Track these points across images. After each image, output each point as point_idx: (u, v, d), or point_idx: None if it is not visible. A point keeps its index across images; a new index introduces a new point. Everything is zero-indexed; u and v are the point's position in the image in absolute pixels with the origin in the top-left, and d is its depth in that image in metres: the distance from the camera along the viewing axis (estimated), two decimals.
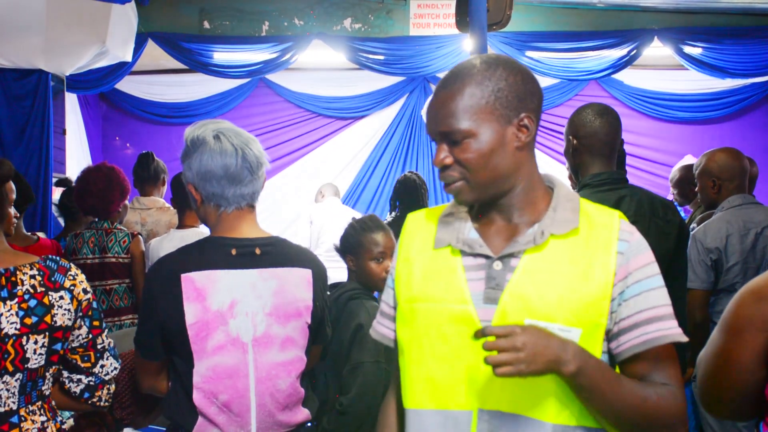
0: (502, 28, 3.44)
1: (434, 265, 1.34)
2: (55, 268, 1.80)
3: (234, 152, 1.76)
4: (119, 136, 7.40)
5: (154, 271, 1.82)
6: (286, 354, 1.77)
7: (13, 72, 4.32)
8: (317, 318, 1.83)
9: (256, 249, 1.78)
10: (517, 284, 1.26)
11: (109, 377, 1.89)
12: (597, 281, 1.25)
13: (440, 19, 6.03)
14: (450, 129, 1.26)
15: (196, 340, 1.72)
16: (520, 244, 1.28)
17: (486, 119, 1.26)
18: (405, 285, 1.37)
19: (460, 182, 1.29)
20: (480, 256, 1.30)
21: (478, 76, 1.26)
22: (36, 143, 4.37)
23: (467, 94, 1.26)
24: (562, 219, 1.29)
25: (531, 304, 1.24)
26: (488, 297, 1.27)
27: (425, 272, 1.34)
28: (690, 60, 6.09)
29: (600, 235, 1.29)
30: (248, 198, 1.81)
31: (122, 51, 4.78)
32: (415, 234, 1.41)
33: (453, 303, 1.29)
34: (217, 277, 1.74)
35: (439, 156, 1.29)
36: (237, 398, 1.73)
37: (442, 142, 1.29)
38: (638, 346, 1.27)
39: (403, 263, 1.39)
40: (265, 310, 1.75)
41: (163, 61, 6.51)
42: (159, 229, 3.85)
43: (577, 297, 1.24)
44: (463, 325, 1.28)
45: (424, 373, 1.32)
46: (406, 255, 1.40)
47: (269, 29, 5.98)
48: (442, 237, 1.35)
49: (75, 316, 1.80)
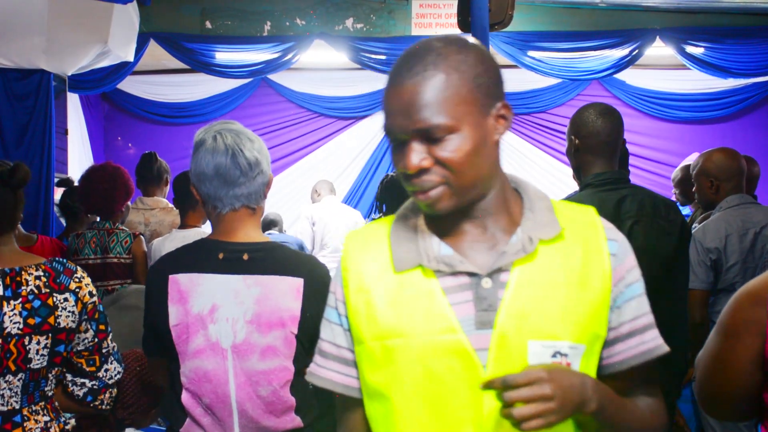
0: (504, 28, 3.44)
1: (403, 291, 1.12)
2: (61, 270, 1.80)
3: (225, 152, 1.73)
4: (121, 137, 7.40)
5: (151, 270, 1.84)
6: (267, 363, 1.71)
7: (14, 72, 4.32)
8: (308, 328, 1.73)
9: (244, 254, 1.74)
10: (513, 301, 1.08)
11: (113, 381, 1.90)
12: (595, 288, 1.11)
13: (442, 18, 6.02)
14: (428, 125, 1.04)
15: (179, 341, 1.71)
16: (509, 255, 1.10)
17: (468, 111, 1.05)
18: (367, 320, 1.13)
19: (441, 187, 1.07)
20: (462, 274, 1.10)
21: (452, 60, 1.06)
22: (38, 143, 4.37)
23: (445, 82, 1.04)
24: (543, 221, 1.13)
25: (532, 323, 1.08)
26: (481, 321, 1.08)
27: (393, 302, 1.12)
28: (692, 60, 6.08)
29: (586, 236, 1.15)
30: (243, 199, 1.76)
31: (124, 51, 4.78)
32: (363, 257, 1.18)
33: (439, 333, 1.08)
34: (201, 281, 1.72)
35: (411, 158, 1.06)
36: (218, 402, 1.71)
37: (412, 141, 1.06)
38: (635, 357, 1.15)
39: (357, 294, 1.15)
40: (245, 317, 1.70)
41: (165, 61, 6.51)
42: (162, 230, 3.85)
43: (579, 308, 1.10)
44: (455, 358, 1.08)
45: (413, 421, 1.11)
46: (359, 284, 1.16)
47: (271, 29, 5.98)
48: (403, 257, 1.13)
49: (80, 319, 1.80)
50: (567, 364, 1.07)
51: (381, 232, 1.20)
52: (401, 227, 1.18)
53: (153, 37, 5.72)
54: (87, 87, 5.85)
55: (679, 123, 7.24)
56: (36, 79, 4.38)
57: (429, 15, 6.04)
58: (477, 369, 1.08)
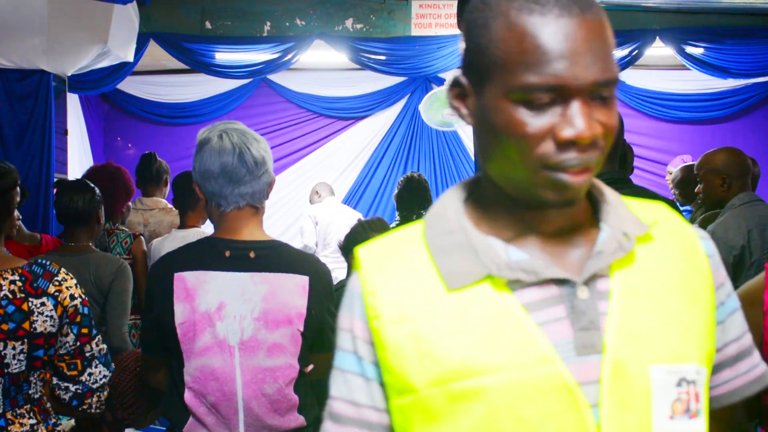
0: None
1: (466, 314, 0.83)
2: (40, 273, 1.76)
3: (232, 150, 1.74)
4: (121, 137, 7.40)
5: (153, 268, 1.85)
6: (273, 360, 1.73)
7: (14, 72, 4.32)
8: (313, 326, 1.77)
9: (250, 252, 1.75)
10: (623, 315, 0.82)
11: (98, 385, 1.86)
12: (702, 298, 0.88)
13: (442, 19, 6.02)
14: (613, 77, 0.79)
15: (185, 339, 1.71)
16: (606, 256, 0.84)
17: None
18: (419, 359, 0.83)
19: (593, 164, 0.82)
20: (549, 283, 0.83)
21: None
22: (37, 144, 4.37)
23: (609, 29, 0.81)
24: (626, 215, 0.88)
25: (650, 343, 0.82)
26: (583, 344, 0.81)
27: (455, 330, 0.83)
28: (691, 60, 6.08)
29: (676, 234, 0.91)
30: (248, 198, 1.77)
31: (124, 51, 4.78)
32: (393, 275, 0.88)
33: (527, 367, 0.80)
34: (208, 278, 1.73)
35: (586, 122, 0.78)
36: (224, 400, 1.71)
37: (578, 99, 0.78)
38: (748, 387, 0.93)
39: (397, 325, 0.85)
40: (253, 314, 1.72)
41: (165, 62, 6.51)
42: (161, 230, 3.85)
43: (695, 322, 0.86)
44: (554, 398, 0.79)
45: None
46: (397, 311, 0.85)
47: (271, 29, 5.97)
48: (458, 268, 0.84)
49: (60, 323, 1.77)
50: (695, 395, 0.82)
51: (411, 241, 0.90)
52: (441, 231, 0.88)
53: (153, 37, 5.71)
54: (87, 87, 5.84)
55: (679, 123, 7.24)
56: (36, 79, 4.37)
57: (429, 15, 6.04)
58: (583, 412, 0.79)
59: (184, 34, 5.87)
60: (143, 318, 1.84)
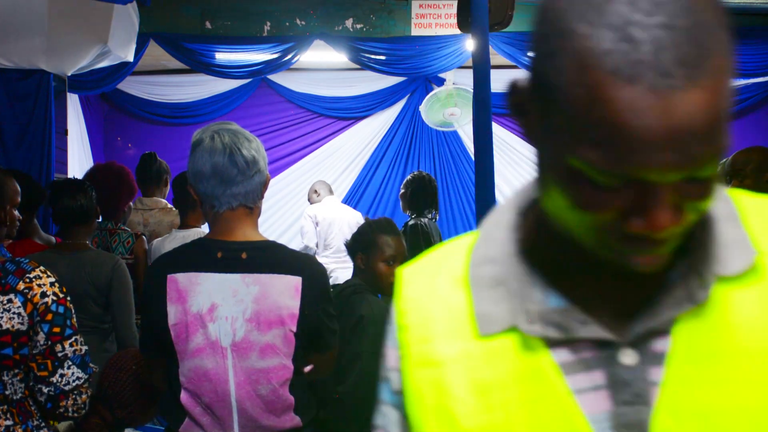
0: (504, 28, 3.43)
1: (493, 369, 0.68)
2: (11, 270, 1.74)
3: (222, 151, 1.74)
4: (121, 137, 7.40)
5: (149, 269, 1.87)
6: (266, 361, 1.73)
7: (14, 72, 4.32)
8: (307, 327, 1.76)
9: (242, 253, 1.75)
10: (680, 389, 0.63)
11: (71, 387, 1.78)
12: None
13: (442, 19, 6.02)
14: (717, 160, 0.57)
15: (178, 341, 1.72)
16: (667, 309, 0.64)
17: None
18: (438, 416, 0.70)
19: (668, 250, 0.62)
20: (585, 342, 0.66)
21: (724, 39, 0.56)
22: (38, 144, 4.37)
23: (728, 86, 0.56)
24: (726, 240, 0.66)
25: (714, 428, 0.62)
26: (623, 422, 0.64)
27: (479, 387, 0.68)
28: None
29: None
30: (240, 198, 1.77)
31: (124, 51, 4.78)
32: (430, 306, 0.74)
33: None
34: (200, 280, 1.73)
35: (663, 215, 0.57)
36: (218, 401, 1.72)
37: (663, 186, 0.57)
38: None
39: (422, 368, 0.72)
40: (245, 315, 1.72)
41: (165, 62, 6.51)
42: (161, 230, 3.85)
43: None
44: None
45: None
46: (425, 352, 0.72)
47: (271, 30, 5.98)
48: (490, 311, 0.70)
49: (30, 321, 1.74)
50: None
51: (455, 263, 0.75)
52: (484, 257, 0.72)
53: (153, 37, 5.71)
54: (87, 87, 5.84)
55: None
56: (36, 79, 4.38)
57: (429, 15, 6.04)
58: None
59: (184, 34, 5.87)
60: (142, 318, 1.84)
